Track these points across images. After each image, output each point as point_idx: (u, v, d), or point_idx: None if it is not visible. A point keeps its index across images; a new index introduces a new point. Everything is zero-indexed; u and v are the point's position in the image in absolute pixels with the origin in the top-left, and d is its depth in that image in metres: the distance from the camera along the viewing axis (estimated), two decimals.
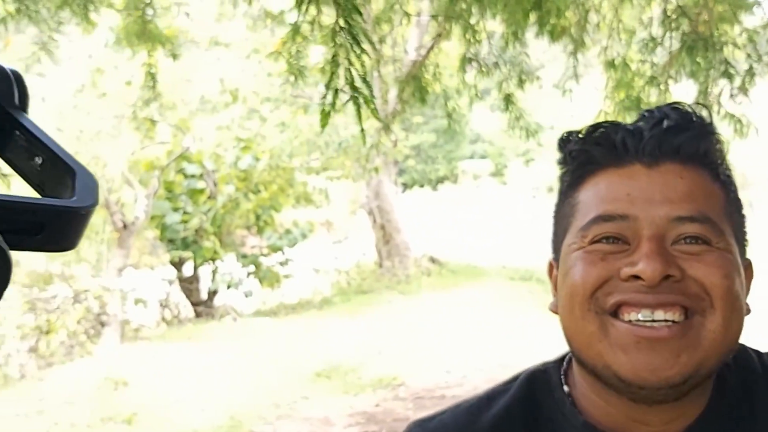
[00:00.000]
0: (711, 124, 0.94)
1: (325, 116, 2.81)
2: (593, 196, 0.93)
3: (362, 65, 2.73)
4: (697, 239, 0.88)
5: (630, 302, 0.86)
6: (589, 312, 0.89)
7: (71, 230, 0.55)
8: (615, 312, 0.87)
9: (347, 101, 2.73)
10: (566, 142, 0.98)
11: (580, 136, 0.97)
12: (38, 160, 0.59)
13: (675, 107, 0.94)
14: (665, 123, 0.92)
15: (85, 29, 5.54)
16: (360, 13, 2.76)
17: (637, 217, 0.89)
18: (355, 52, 2.69)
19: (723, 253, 0.88)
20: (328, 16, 5.36)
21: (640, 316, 0.86)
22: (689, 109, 0.93)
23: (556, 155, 1.02)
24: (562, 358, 1.03)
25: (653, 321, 0.85)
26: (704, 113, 0.94)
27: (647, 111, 0.94)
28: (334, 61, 2.71)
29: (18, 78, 0.62)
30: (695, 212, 0.88)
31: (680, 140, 0.91)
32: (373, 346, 8.64)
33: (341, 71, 2.75)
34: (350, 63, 2.68)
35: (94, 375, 8.00)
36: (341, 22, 2.69)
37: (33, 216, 0.53)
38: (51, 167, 0.58)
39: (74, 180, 0.56)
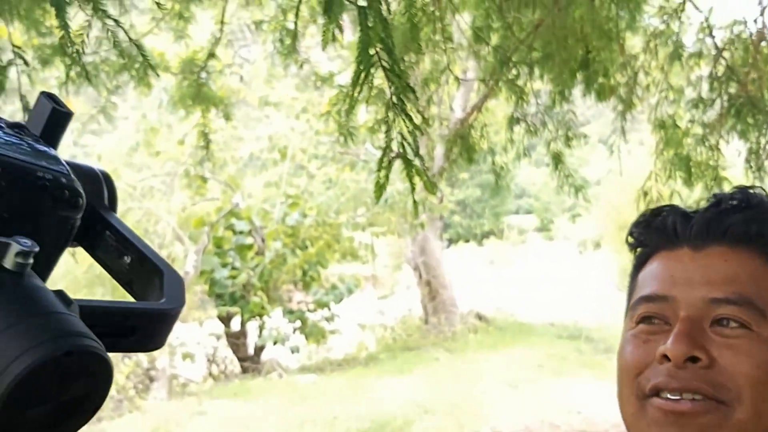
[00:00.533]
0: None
1: (379, 189, 2.89)
2: (644, 278, 0.97)
3: (414, 140, 2.80)
4: (736, 322, 0.88)
5: (661, 386, 0.88)
6: (632, 396, 0.91)
7: (162, 331, 0.58)
8: (654, 394, 0.89)
9: (402, 170, 2.80)
10: (632, 227, 1.02)
11: (641, 221, 1.00)
12: (127, 260, 0.61)
13: (739, 190, 0.95)
14: (721, 206, 0.94)
15: (142, 92, 5.71)
16: (414, 92, 2.83)
17: (676, 298, 0.91)
18: (407, 127, 2.76)
19: (763, 341, 0.87)
20: (378, 77, 5.46)
21: (668, 395, 0.87)
22: (751, 192, 0.95)
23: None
24: None
25: (681, 398, 0.87)
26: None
27: (714, 195, 0.97)
28: (387, 135, 2.78)
29: (107, 178, 0.65)
30: (734, 294, 0.89)
31: (728, 223, 0.92)
32: (420, 404, 8.56)
33: (394, 144, 2.82)
34: (403, 138, 2.75)
35: (142, 430, 8.05)
36: (394, 99, 2.76)
37: (127, 320, 0.55)
38: (139, 267, 0.61)
39: (162, 280, 0.59)
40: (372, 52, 2.72)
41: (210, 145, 6.70)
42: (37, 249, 0.49)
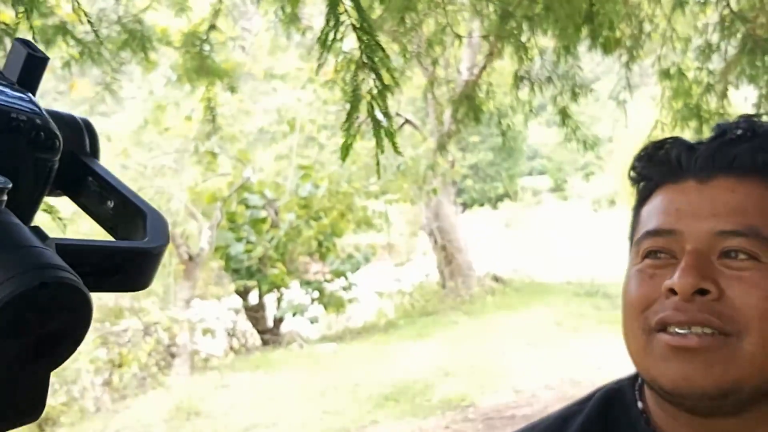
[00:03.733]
0: None
1: (345, 150, 2.87)
2: (648, 213, 0.95)
3: (384, 99, 2.78)
4: (744, 254, 0.87)
5: (668, 320, 0.87)
6: (638, 330, 0.90)
7: (145, 270, 0.57)
8: (661, 329, 0.88)
9: (375, 130, 2.79)
10: (634, 161, 1.00)
11: (643, 154, 0.98)
12: (110, 204, 0.61)
13: (743, 120, 0.93)
14: (726, 137, 0.92)
15: (146, 68, 5.70)
16: (383, 49, 2.81)
17: (683, 231, 0.89)
18: (377, 86, 2.75)
19: None
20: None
21: (676, 329, 0.86)
22: (756, 121, 0.93)
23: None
24: (637, 375, 1.02)
25: (689, 332, 0.86)
26: None
27: (717, 125, 0.95)
28: (355, 95, 2.76)
29: (88, 126, 0.65)
30: (742, 226, 0.87)
31: (734, 153, 0.90)
32: (440, 367, 8.61)
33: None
34: (372, 98, 2.74)
35: (166, 406, 8.14)
36: (364, 58, 2.75)
37: (109, 259, 0.55)
38: (123, 210, 0.60)
39: (145, 221, 0.58)
40: (341, 9, 2.71)
41: (216, 119, 6.69)
42: (10, 185, 0.48)
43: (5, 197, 0.48)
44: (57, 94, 11.67)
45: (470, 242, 15.08)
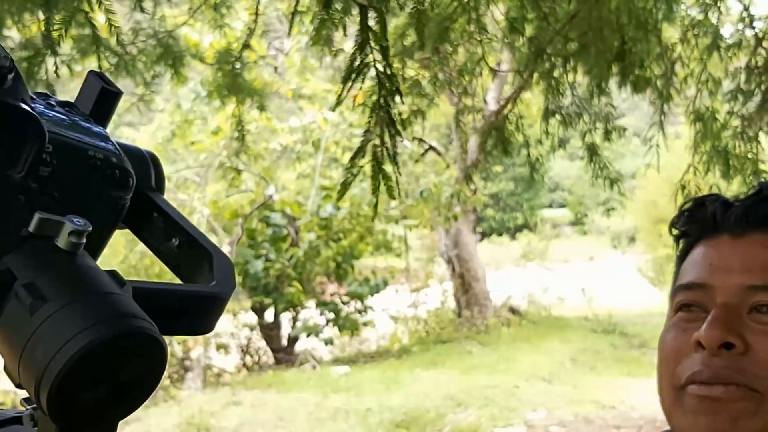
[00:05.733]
0: None
1: (344, 188, 2.89)
2: (685, 268, 0.97)
3: (393, 144, 2.80)
4: None
5: (694, 377, 0.87)
6: (669, 386, 0.91)
7: (213, 315, 0.57)
8: (689, 383, 0.88)
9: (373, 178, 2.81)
10: (675, 218, 1.02)
11: (683, 211, 1.00)
12: (175, 242, 0.60)
13: None
14: (761, 194, 0.94)
15: (178, 82, 5.74)
16: (401, 94, 2.84)
17: (714, 285, 0.90)
18: (389, 131, 2.77)
19: None
20: (411, 68, 5.45)
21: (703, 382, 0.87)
22: None
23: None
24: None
25: (715, 385, 0.86)
26: None
27: (758, 183, 0.97)
28: (366, 136, 2.78)
29: (154, 160, 0.65)
30: None
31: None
32: (453, 397, 8.56)
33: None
34: (382, 142, 2.76)
35: (177, 419, 8.13)
36: (381, 101, 2.77)
37: (179, 303, 0.55)
38: (188, 249, 0.60)
39: (211, 263, 0.58)
40: (368, 51, 2.73)
41: (245, 137, 6.72)
42: (90, 228, 0.49)
43: (84, 240, 0.49)
44: None
45: (488, 272, 15.04)
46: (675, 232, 1.01)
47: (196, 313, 0.56)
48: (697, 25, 5.13)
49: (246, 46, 5.63)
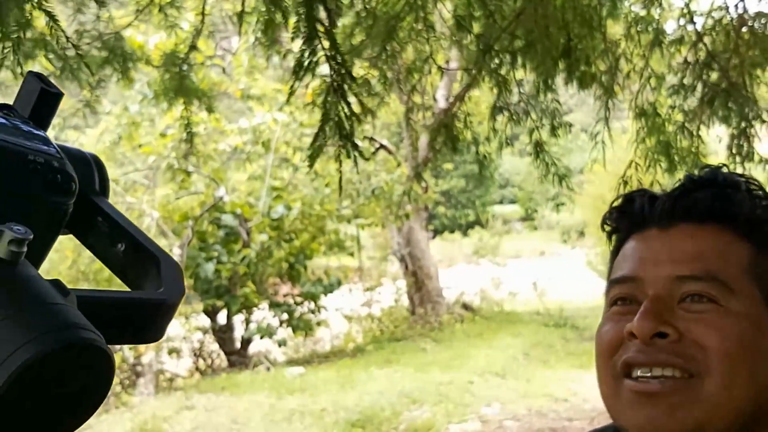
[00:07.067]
0: (737, 181, 0.96)
1: (312, 159, 2.97)
2: (617, 263, 0.99)
3: (351, 126, 2.85)
4: (703, 298, 0.89)
5: (630, 361, 0.89)
6: (608, 376, 0.93)
7: (162, 322, 0.55)
8: (627, 373, 0.90)
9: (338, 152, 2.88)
10: (605, 215, 1.04)
11: (613, 208, 1.03)
12: (121, 247, 0.58)
13: (708, 170, 0.98)
14: (686, 186, 0.97)
15: (125, 85, 5.67)
16: (354, 79, 2.89)
17: (644, 278, 0.93)
18: (345, 113, 2.82)
19: (731, 314, 0.88)
20: (360, 67, 5.44)
21: (639, 372, 0.89)
22: (719, 171, 0.97)
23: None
24: None
25: (651, 377, 0.88)
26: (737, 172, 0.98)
27: (685, 176, 0.99)
28: (323, 119, 2.82)
29: (98, 162, 0.62)
30: (699, 271, 0.90)
31: (693, 201, 0.94)
32: (408, 394, 8.58)
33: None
34: (340, 123, 2.80)
35: (129, 426, 8.02)
36: (335, 85, 2.81)
37: (125, 311, 0.53)
38: (134, 254, 0.58)
39: (159, 268, 0.56)
40: (317, 44, 2.76)
41: (194, 139, 6.65)
42: (31, 236, 0.46)
43: (25, 248, 0.46)
44: None
45: (440, 269, 15.10)
46: (607, 228, 1.03)
47: (144, 320, 0.54)
48: (640, 21, 5.21)
49: (193, 47, 5.57)
